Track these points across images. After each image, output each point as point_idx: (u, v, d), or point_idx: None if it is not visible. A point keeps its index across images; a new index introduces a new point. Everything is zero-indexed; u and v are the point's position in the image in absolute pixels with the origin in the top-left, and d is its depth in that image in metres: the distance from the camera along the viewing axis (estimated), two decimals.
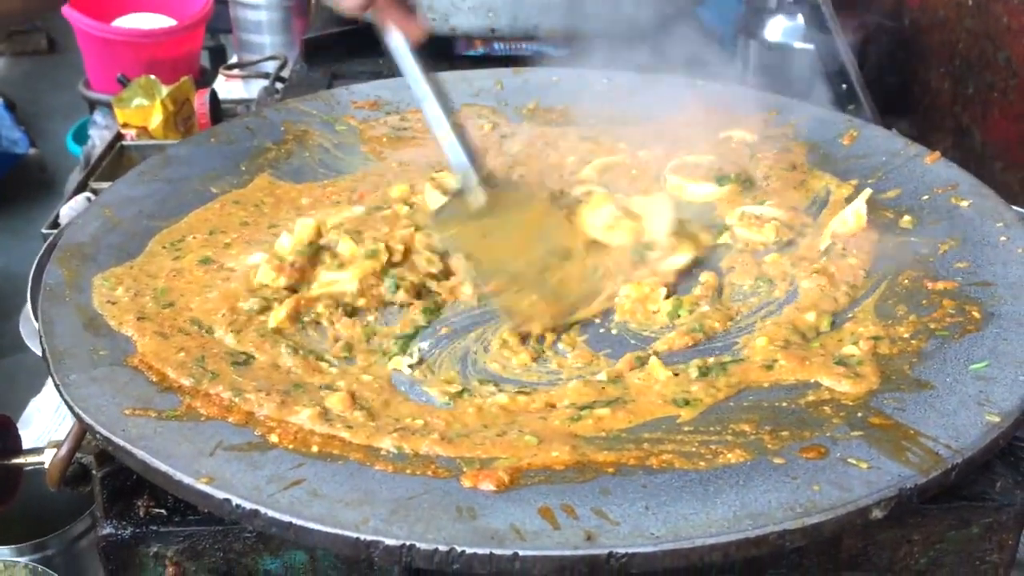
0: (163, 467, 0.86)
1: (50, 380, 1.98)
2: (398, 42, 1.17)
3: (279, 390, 0.98)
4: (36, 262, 1.83)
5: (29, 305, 1.84)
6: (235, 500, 0.82)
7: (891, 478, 0.85)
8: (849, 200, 1.30)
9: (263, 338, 1.06)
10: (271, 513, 0.81)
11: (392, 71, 1.97)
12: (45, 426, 1.99)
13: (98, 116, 3.41)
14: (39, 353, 1.70)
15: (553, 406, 0.99)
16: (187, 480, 0.84)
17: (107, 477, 0.93)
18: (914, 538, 0.96)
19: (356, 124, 1.56)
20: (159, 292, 1.13)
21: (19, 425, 1.93)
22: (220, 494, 0.83)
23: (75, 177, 2.80)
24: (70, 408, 0.94)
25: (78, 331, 1.05)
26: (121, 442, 0.88)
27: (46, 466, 1.04)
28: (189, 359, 1.01)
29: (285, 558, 0.94)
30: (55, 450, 1.03)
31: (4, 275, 3.47)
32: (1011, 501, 0.95)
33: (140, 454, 0.87)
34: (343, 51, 2.11)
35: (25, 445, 1.13)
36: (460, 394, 1.01)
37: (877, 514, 0.83)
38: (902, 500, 0.84)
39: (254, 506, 0.82)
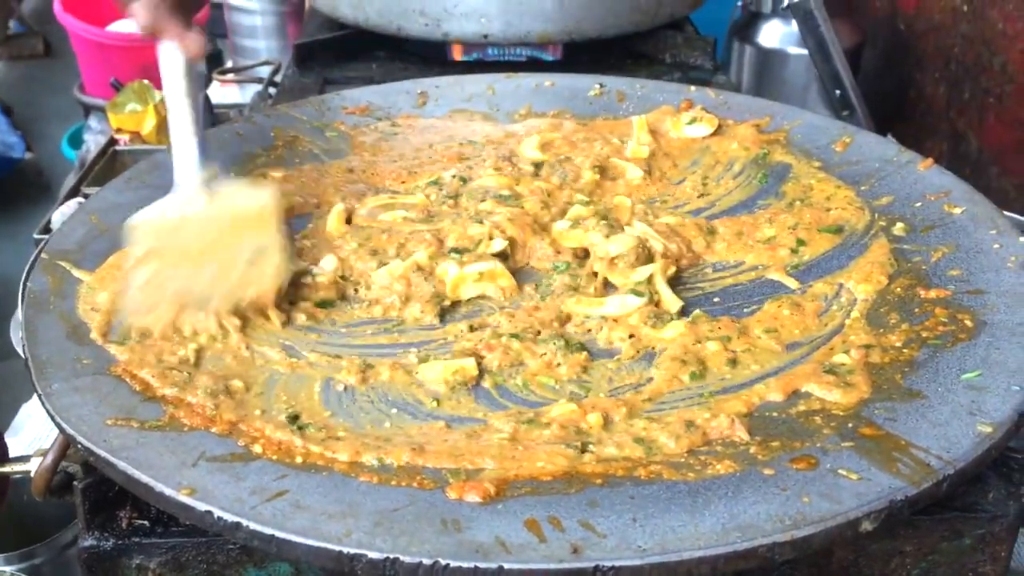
0: (144, 478, 0.84)
1: None
2: (171, 56, 1.15)
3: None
4: (28, 267, 1.82)
5: (19, 310, 1.82)
6: (217, 512, 0.81)
7: (882, 490, 0.84)
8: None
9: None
10: (253, 526, 0.80)
11: (384, 77, 1.98)
12: (36, 432, 1.98)
13: (93, 121, 3.40)
14: None
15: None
16: (168, 492, 0.83)
17: (89, 488, 0.92)
18: (906, 550, 0.95)
19: (346, 130, 1.55)
20: None
21: (10, 431, 1.93)
22: (202, 506, 0.82)
23: (69, 182, 2.79)
24: (52, 418, 0.93)
25: (61, 339, 1.04)
26: (102, 453, 0.87)
27: (32, 475, 1.03)
28: (171, 365, 1.01)
29: (269, 570, 0.92)
30: (40, 459, 1.02)
31: None
32: (1003, 512, 0.94)
33: (121, 465, 0.86)
34: (336, 56, 2.10)
35: (17, 451, 1.12)
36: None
37: (867, 526, 0.82)
38: (893, 512, 0.83)
39: (236, 518, 0.81)
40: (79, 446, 0.90)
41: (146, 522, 0.92)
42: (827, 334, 1.10)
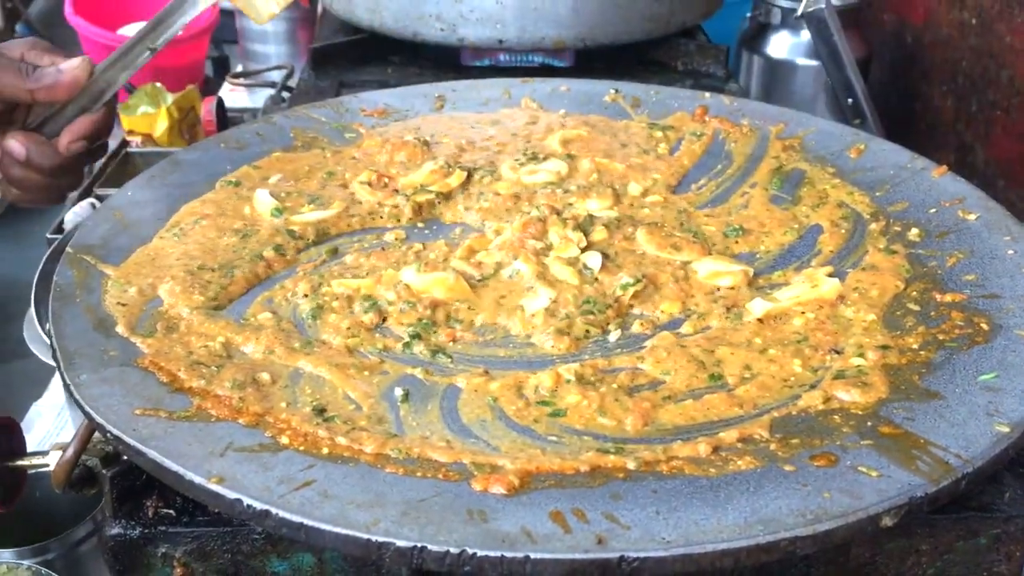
0: (174, 467, 0.86)
1: (52, 384, 2.00)
2: None
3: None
4: (40, 266, 1.83)
5: (32, 310, 1.84)
6: (246, 500, 0.82)
7: (901, 486, 0.85)
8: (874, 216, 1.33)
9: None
10: (282, 514, 0.81)
11: (399, 81, 1.99)
12: (46, 430, 1.99)
13: None
14: (42, 357, 1.71)
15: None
16: (198, 480, 0.84)
17: (116, 477, 0.93)
18: (922, 548, 0.96)
19: (364, 132, 1.57)
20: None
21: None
22: (231, 494, 0.83)
23: None
24: (80, 408, 0.94)
25: (88, 332, 1.05)
26: (132, 441, 0.88)
27: (51, 469, 1.04)
28: (198, 358, 1.02)
29: (293, 560, 0.93)
30: (60, 452, 1.03)
31: (6, 281, 3.47)
32: (1019, 512, 0.95)
33: (151, 454, 0.87)
34: (351, 60, 2.12)
35: (29, 449, 1.13)
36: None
37: (887, 522, 0.83)
38: (912, 508, 0.84)
39: (265, 506, 0.82)
40: (108, 435, 0.91)
41: (172, 511, 0.93)
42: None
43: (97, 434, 1.00)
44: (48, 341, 1.52)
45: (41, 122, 1.22)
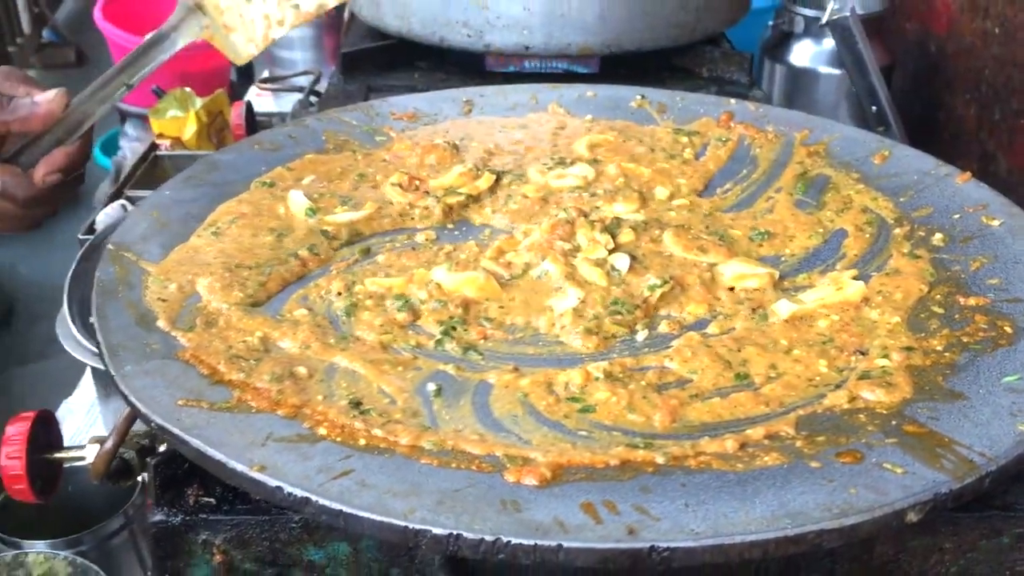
0: (217, 455, 0.88)
1: (82, 382, 2.03)
2: None
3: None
4: (74, 266, 1.87)
5: (65, 308, 1.87)
6: (287, 488, 0.85)
7: (926, 483, 0.87)
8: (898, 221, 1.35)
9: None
10: (322, 501, 0.84)
11: (426, 86, 2.02)
12: (76, 426, 2.03)
13: (129, 128, 3.46)
14: (74, 354, 1.74)
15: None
16: (240, 468, 0.87)
17: (159, 465, 0.96)
18: (946, 546, 0.97)
19: (394, 135, 1.60)
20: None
21: None
22: (272, 482, 0.85)
23: (105, 187, 2.85)
24: (125, 398, 0.97)
25: (131, 326, 1.08)
26: (176, 431, 0.91)
27: (86, 462, 1.07)
28: (237, 352, 1.05)
29: (329, 549, 0.96)
30: (98, 445, 1.06)
31: (33, 281, 3.51)
32: None
33: (195, 443, 0.90)
34: (378, 65, 2.15)
35: None
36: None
37: (912, 517, 0.85)
38: (937, 505, 0.86)
39: (305, 494, 0.84)
40: (153, 425, 0.93)
41: (212, 500, 0.96)
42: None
43: (134, 427, 1.03)
44: (79, 338, 1.56)
45: (16, 152, 1.23)
